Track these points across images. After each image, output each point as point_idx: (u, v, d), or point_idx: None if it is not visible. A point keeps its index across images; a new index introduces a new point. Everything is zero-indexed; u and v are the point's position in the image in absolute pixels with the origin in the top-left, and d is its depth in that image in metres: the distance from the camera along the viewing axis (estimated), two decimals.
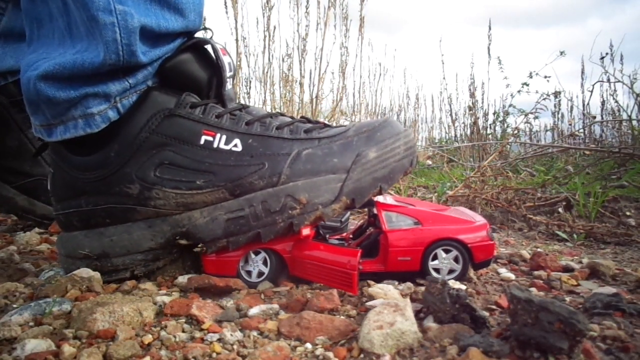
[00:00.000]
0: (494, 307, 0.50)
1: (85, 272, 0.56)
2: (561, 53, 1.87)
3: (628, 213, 1.08)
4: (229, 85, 0.61)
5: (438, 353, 0.38)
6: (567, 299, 0.53)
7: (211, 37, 0.62)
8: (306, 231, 0.56)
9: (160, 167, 0.56)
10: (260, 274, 0.57)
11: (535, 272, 0.63)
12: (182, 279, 0.56)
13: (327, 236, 0.61)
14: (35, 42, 0.59)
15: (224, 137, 0.57)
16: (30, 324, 0.45)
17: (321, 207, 0.55)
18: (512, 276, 0.62)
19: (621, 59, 2.52)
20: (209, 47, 0.59)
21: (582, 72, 2.89)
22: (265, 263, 0.57)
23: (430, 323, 0.44)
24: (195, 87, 0.58)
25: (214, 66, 0.59)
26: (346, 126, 0.61)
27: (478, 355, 0.36)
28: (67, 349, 0.38)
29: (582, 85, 2.88)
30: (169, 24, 0.56)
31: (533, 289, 0.56)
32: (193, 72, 0.58)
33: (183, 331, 0.44)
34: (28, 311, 0.46)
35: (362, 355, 0.39)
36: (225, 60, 0.60)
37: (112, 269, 0.58)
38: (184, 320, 0.46)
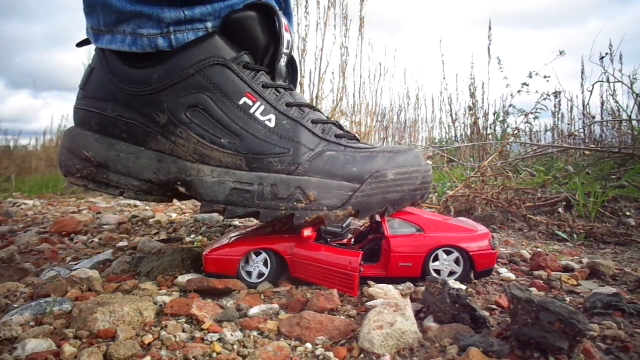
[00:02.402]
0: (494, 306, 0.50)
1: (84, 272, 0.56)
2: (561, 53, 1.86)
3: (628, 213, 1.08)
4: (282, 61, 0.61)
5: (438, 353, 0.38)
6: (567, 298, 0.53)
7: (281, 9, 0.62)
8: (307, 232, 0.56)
9: (192, 110, 0.56)
10: (261, 274, 0.57)
11: (535, 272, 0.63)
12: (182, 279, 0.56)
13: (328, 240, 0.61)
14: None
15: (262, 107, 0.57)
16: (30, 323, 0.45)
17: (326, 209, 0.55)
18: (512, 276, 0.62)
19: (620, 59, 2.52)
20: (276, 18, 0.59)
21: (582, 72, 2.89)
22: (265, 264, 0.57)
23: (430, 323, 0.44)
24: (253, 49, 0.59)
25: (274, 37, 0.59)
26: (374, 145, 0.62)
27: (478, 355, 0.36)
28: (68, 348, 0.38)
29: (582, 85, 2.88)
30: None
31: (533, 289, 0.56)
32: (255, 33, 0.58)
33: (183, 331, 0.44)
34: (28, 311, 0.46)
35: (362, 355, 0.39)
36: (286, 36, 0.60)
37: (104, 182, 0.58)
38: (184, 320, 0.46)
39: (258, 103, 0.57)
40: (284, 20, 0.60)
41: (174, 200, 0.66)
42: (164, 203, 0.62)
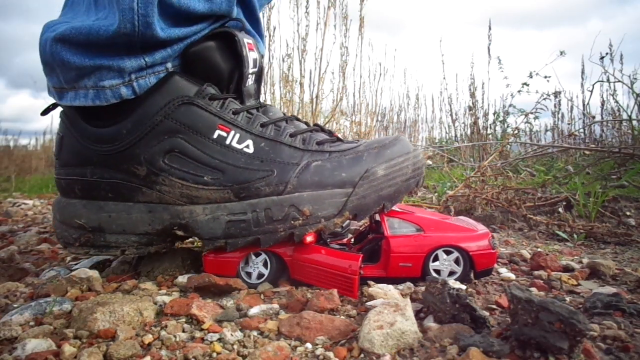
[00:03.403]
0: (494, 306, 0.50)
1: (84, 272, 0.56)
2: (561, 53, 1.87)
3: (628, 213, 1.08)
4: (249, 82, 0.60)
5: (438, 353, 0.38)
6: (567, 299, 0.53)
7: (242, 30, 0.61)
8: (310, 238, 0.56)
9: (169, 155, 0.56)
10: (260, 275, 0.57)
11: (536, 272, 0.63)
12: (182, 279, 0.56)
13: (329, 241, 0.61)
14: (67, 8, 0.59)
15: (238, 135, 0.56)
16: (30, 323, 0.45)
17: (324, 220, 0.55)
18: (512, 276, 0.62)
19: (621, 59, 2.52)
20: (236, 40, 0.58)
21: (582, 72, 2.89)
22: (265, 265, 0.57)
23: (430, 323, 0.44)
24: (217, 78, 0.58)
25: (238, 60, 0.58)
26: (358, 142, 0.61)
27: (478, 355, 0.36)
28: (68, 348, 0.38)
29: (582, 85, 2.88)
30: (190, 3, 0.55)
31: (533, 289, 0.56)
32: (216, 61, 0.57)
33: (183, 331, 0.44)
34: (28, 311, 0.46)
35: (362, 355, 0.39)
36: (251, 55, 0.59)
37: (103, 245, 0.58)
38: (184, 320, 0.46)
39: (232, 132, 0.56)
40: (247, 40, 0.58)
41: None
42: (168, 250, 0.62)
